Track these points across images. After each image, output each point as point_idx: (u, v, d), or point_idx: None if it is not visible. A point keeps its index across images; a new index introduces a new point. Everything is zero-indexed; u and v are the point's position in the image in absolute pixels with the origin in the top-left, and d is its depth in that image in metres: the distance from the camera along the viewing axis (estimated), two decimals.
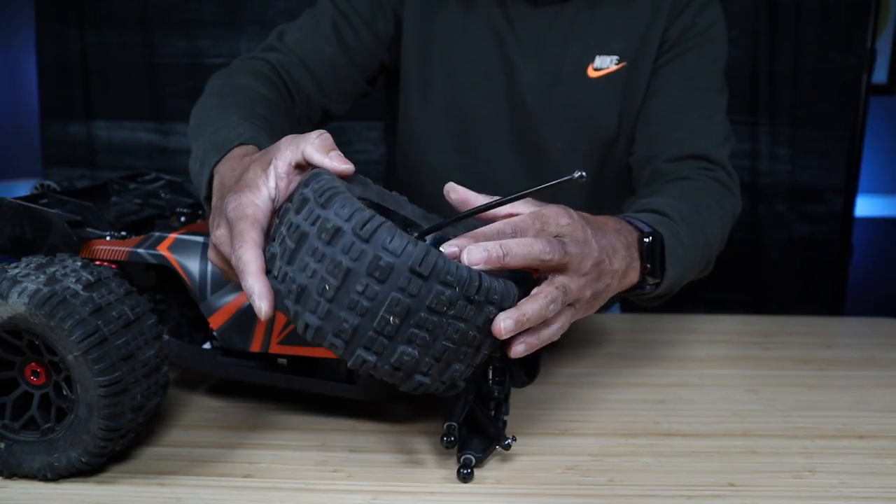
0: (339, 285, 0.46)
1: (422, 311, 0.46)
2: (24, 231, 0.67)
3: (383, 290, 0.46)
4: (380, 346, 0.47)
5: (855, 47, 1.57)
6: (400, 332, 0.47)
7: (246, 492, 0.55)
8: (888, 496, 0.56)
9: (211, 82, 0.83)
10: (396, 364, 0.48)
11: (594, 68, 0.88)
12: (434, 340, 0.47)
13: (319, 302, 0.47)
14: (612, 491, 0.56)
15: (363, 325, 0.46)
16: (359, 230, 0.46)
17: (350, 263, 0.46)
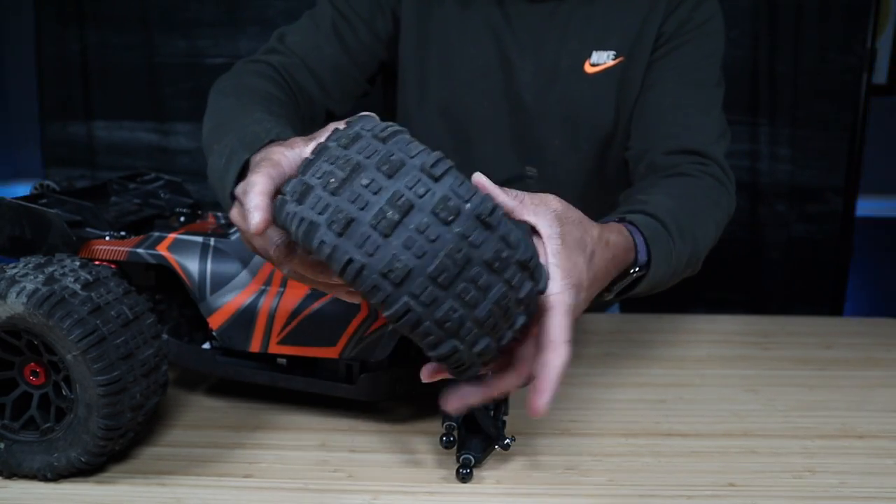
0: (399, 220, 0.41)
1: (479, 264, 0.42)
2: (23, 231, 0.67)
3: (446, 233, 0.41)
4: (429, 296, 0.42)
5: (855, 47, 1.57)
6: (454, 283, 0.42)
7: (246, 492, 0.55)
8: (888, 496, 0.56)
9: (220, 84, 0.82)
10: (442, 319, 0.43)
11: (591, 64, 0.88)
12: (482, 301, 0.43)
13: (370, 236, 0.42)
14: (612, 491, 0.56)
15: (417, 268, 0.41)
16: (428, 167, 0.42)
17: (414, 199, 0.42)
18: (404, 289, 0.42)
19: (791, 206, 1.64)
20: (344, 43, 0.89)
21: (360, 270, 0.42)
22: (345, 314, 0.62)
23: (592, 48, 0.88)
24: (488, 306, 0.43)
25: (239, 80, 0.81)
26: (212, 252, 0.66)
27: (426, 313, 0.42)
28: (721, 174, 0.83)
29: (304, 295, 0.63)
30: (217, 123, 0.70)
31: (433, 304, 0.42)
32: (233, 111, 0.71)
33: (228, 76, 0.83)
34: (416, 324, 0.43)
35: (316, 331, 0.63)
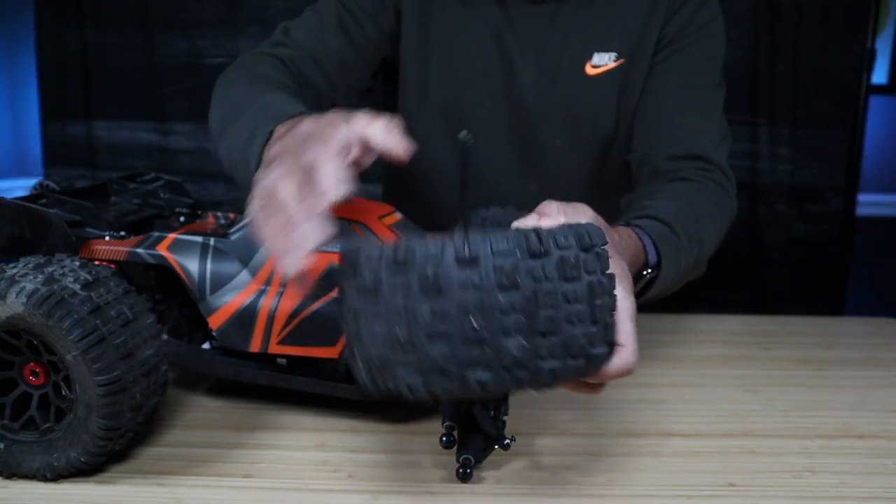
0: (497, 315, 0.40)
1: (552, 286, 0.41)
2: (23, 231, 0.67)
3: (532, 287, 0.40)
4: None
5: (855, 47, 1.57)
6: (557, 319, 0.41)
7: (246, 492, 0.55)
8: (888, 496, 0.56)
9: (228, 74, 0.80)
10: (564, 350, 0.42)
11: (592, 66, 0.88)
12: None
13: (480, 351, 0.40)
14: (612, 491, 0.56)
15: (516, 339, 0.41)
16: (465, 254, 0.40)
17: (488, 293, 0.40)
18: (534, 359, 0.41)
19: (791, 206, 1.64)
20: (350, 37, 0.89)
21: (492, 384, 0.42)
22: None
23: (594, 50, 0.88)
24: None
25: (249, 70, 0.80)
26: (212, 252, 0.66)
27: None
28: (723, 179, 0.84)
29: (303, 295, 0.63)
30: (230, 107, 0.70)
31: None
32: (248, 95, 0.70)
33: (235, 67, 0.82)
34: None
35: (316, 331, 0.63)
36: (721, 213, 0.81)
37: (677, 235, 0.70)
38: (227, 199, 1.70)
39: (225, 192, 1.71)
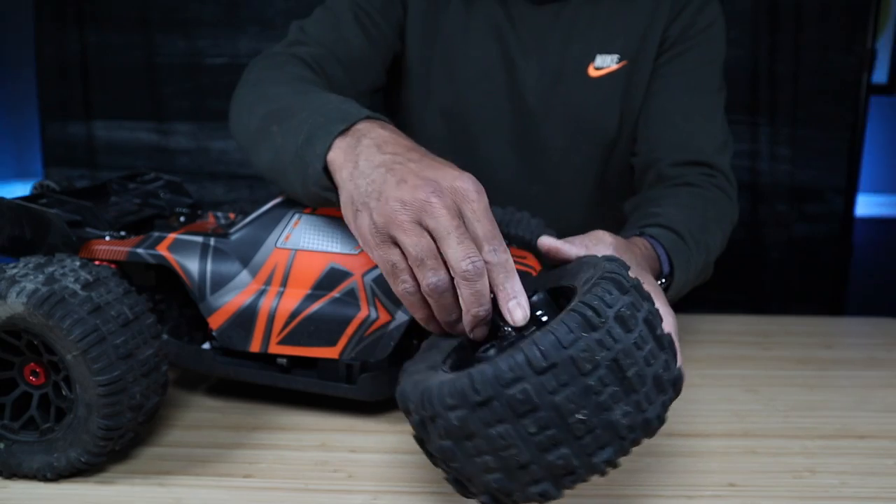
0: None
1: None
2: (23, 231, 0.67)
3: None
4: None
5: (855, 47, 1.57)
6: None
7: (246, 492, 0.55)
8: (888, 496, 0.56)
9: (259, 75, 0.76)
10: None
11: (595, 67, 0.88)
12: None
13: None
14: (612, 491, 0.56)
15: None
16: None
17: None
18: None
19: (791, 206, 1.64)
20: (368, 34, 0.87)
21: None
22: (345, 314, 0.62)
23: (596, 51, 0.88)
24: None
25: (279, 70, 0.77)
26: (212, 252, 0.66)
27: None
28: (726, 185, 0.85)
29: (304, 295, 0.63)
30: (275, 109, 0.66)
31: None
32: (295, 95, 0.67)
33: (262, 69, 0.78)
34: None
35: (316, 331, 0.63)
36: (725, 218, 0.82)
37: (687, 244, 0.71)
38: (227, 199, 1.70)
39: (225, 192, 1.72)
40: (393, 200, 0.48)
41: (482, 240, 0.47)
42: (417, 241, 0.48)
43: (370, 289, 0.62)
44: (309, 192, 0.59)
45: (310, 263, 0.64)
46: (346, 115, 0.57)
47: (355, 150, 0.54)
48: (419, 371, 0.48)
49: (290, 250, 0.64)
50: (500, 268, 0.47)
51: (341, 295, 0.63)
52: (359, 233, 0.52)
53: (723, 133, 0.88)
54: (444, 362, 0.48)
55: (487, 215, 0.49)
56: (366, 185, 0.51)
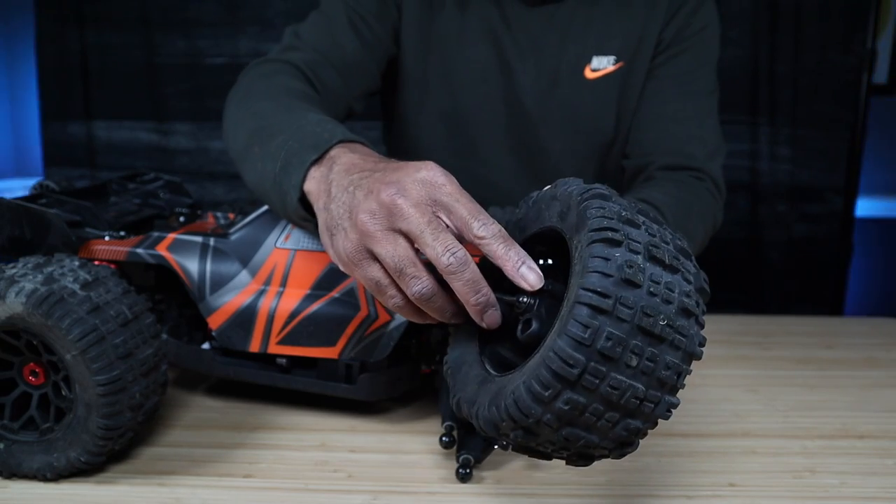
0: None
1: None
2: (23, 231, 0.67)
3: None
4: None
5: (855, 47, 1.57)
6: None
7: (246, 492, 0.55)
8: (888, 496, 0.56)
9: (248, 87, 0.76)
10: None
11: (591, 69, 0.88)
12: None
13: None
14: (612, 491, 0.56)
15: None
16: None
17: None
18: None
19: (791, 206, 1.64)
20: (362, 38, 0.87)
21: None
22: (344, 314, 0.62)
23: (592, 53, 0.88)
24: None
25: (268, 81, 0.77)
26: (211, 252, 0.66)
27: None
28: (714, 190, 0.85)
29: (303, 295, 0.63)
30: (257, 127, 0.66)
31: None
32: (277, 113, 0.66)
33: (252, 79, 0.78)
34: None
35: (315, 331, 0.63)
36: (709, 215, 0.82)
37: (666, 221, 0.70)
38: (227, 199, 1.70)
39: (225, 192, 1.72)
40: (363, 213, 0.48)
41: (468, 218, 0.47)
42: (393, 251, 0.47)
43: None
44: (289, 217, 0.60)
45: (309, 263, 0.64)
46: (319, 140, 0.57)
47: (327, 178, 0.54)
48: (472, 392, 0.47)
49: (290, 250, 0.64)
50: (494, 239, 0.46)
51: (341, 295, 0.63)
52: (338, 257, 0.51)
53: (714, 138, 0.88)
54: (484, 366, 0.48)
55: (463, 194, 0.48)
56: (336, 209, 0.51)
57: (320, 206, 0.53)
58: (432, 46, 0.90)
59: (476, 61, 0.90)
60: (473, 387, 0.47)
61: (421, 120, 0.94)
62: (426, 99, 0.92)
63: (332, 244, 0.51)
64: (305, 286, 0.63)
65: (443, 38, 0.90)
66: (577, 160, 0.92)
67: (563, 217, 0.45)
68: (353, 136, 0.58)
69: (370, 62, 0.89)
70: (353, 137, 0.58)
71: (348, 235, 0.49)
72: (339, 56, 0.85)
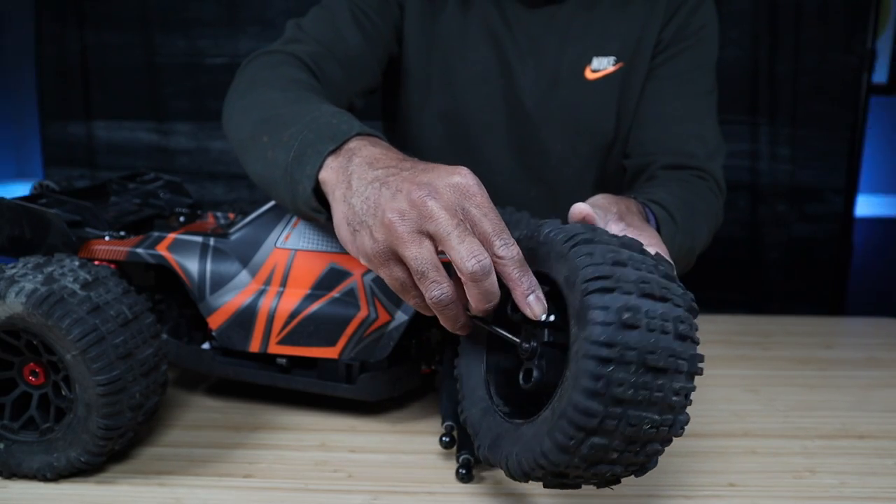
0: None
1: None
2: (23, 231, 0.67)
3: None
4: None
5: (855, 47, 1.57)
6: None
7: (246, 492, 0.55)
8: (888, 496, 0.56)
9: (252, 76, 0.75)
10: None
11: (591, 70, 0.88)
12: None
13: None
14: (612, 491, 0.56)
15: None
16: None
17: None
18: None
19: (791, 206, 1.64)
20: (365, 33, 0.87)
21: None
22: (344, 314, 0.62)
23: (592, 54, 0.88)
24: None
25: (276, 72, 0.75)
26: (211, 252, 0.66)
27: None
28: (716, 189, 0.86)
29: (303, 295, 0.63)
30: (265, 116, 0.64)
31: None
32: (287, 104, 0.65)
33: (256, 68, 0.77)
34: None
35: (315, 331, 0.63)
36: (711, 215, 0.82)
37: (675, 221, 0.71)
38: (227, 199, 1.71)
39: (225, 192, 1.72)
40: (390, 212, 0.47)
41: (491, 235, 0.47)
42: (418, 253, 0.47)
43: (370, 289, 0.62)
44: (298, 209, 0.58)
45: (309, 263, 0.64)
46: (337, 131, 0.56)
47: (347, 169, 0.53)
48: (476, 418, 0.50)
49: (290, 250, 0.64)
50: (512, 262, 0.46)
51: (341, 295, 0.63)
52: (360, 253, 0.51)
53: (714, 137, 0.88)
54: (489, 390, 0.51)
55: (492, 209, 0.48)
56: (361, 204, 0.50)
57: (338, 196, 0.52)
58: (434, 47, 0.90)
59: (477, 62, 0.90)
60: (477, 413, 0.50)
61: (422, 120, 0.94)
62: (427, 99, 0.92)
63: (353, 240, 0.51)
64: (305, 286, 0.63)
65: (444, 39, 0.90)
66: (577, 161, 0.92)
67: (553, 260, 0.46)
68: (371, 129, 0.58)
69: (372, 58, 0.88)
70: (371, 131, 0.57)
71: (374, 235, 0.49)
72: (341, 49, 0.84)
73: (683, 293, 0.45)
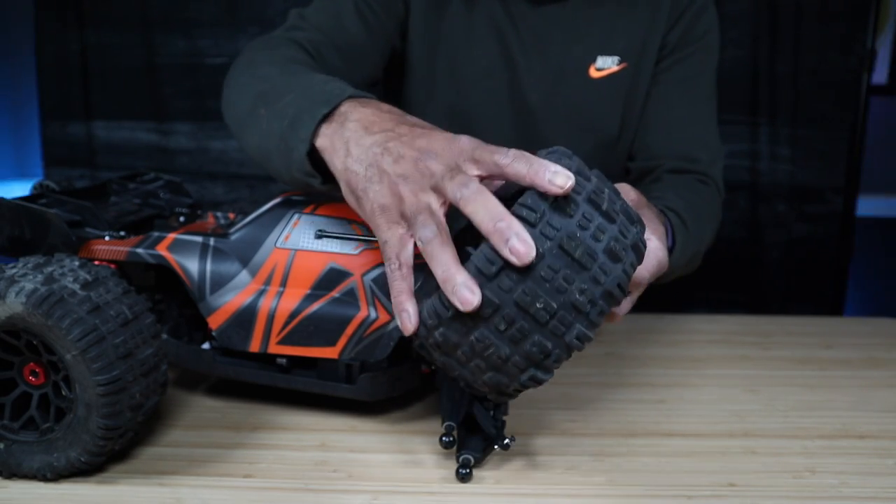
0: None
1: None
2: (22, 231, 0.67)
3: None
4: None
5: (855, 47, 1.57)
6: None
7: (246, 492, 0.55)
8: (888, 496, 0.56)
9: (251, 57, 0.75)
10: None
11: (596, 68, 0.89)
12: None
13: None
14: (612, 491, 0.56)
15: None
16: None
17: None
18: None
19: (791, 206, 1.64)
20: (367, 24, 0.87)
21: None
22: (344, 315, 0.62)
23: (597, 53, 0.89)
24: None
25: (272, 53, 0.76)
26: (211, 252, 0.66)
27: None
28: (716, 193, 0.90)
29: (303, 295, 0.63)
30: (262, 91, 0.65)
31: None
32: (282, 77, 0.66)
33: (254, 50, 0.77)
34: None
35: (315, 331, 0.63)
36: (714, 218, 0.86)
37: (687, 227, 0.75)
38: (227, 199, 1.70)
39: (225, 192, 1.71)
40: (395, 177, 0.50)
41: (490, 157, 0.50)
42: (417, 202, 0.49)
43: (370, 289, 0.62)
44: (293, 177, 0.60)
45: (309, 263, 0.64)
46: (329, 96, 0.57)
47: (343, 135, 0.54)
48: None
49: (290, 250, 0.64)
50: (520, 158, 0.49)
51: (341, 295, 0.63)
52: (366, 216, 0.53)
53: (716, 142, 0.92)
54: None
55: (489, 145, 0.51)
56: (364, 171, 0.52)
57: (337, 164, 0.54)
58: (439, 42, 0.91)
59: (482, 58, 0.90)
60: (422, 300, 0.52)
61: (426, 116, 0.94)
62: (432, 95, 0.93)
63: (359, 206, 0.54)
64: (305, 286, 0.63)
65: (450, 35, 0.90)
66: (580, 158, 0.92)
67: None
68: (363, 92, 0.59)
69: (373, 50, 0.89)
70: (363, 94, 0.58)
71: (380, 200, 0.51)
72: (343, 39, 0.85)
73: (637, 231, 0.48)
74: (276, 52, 0.76)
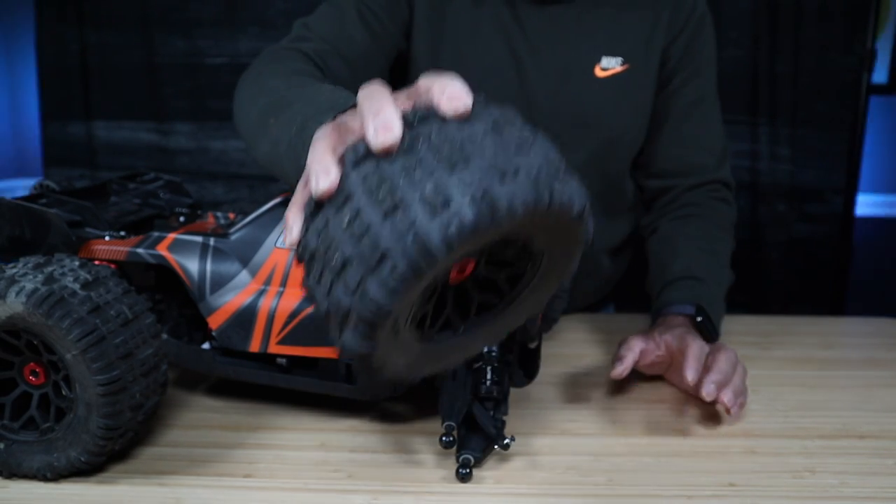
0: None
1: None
2: (23, 231, 0.67)
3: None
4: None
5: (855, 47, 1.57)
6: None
7: (246, 492, 0.55)
8: (888, 496, 0.56)
9: (259, 69, 0.77)
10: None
11: (601, 68, 0.90)
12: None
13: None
14: (612, 491, 0.56)
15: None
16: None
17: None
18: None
19: (791, 206, 1.64)
20: (371, 31, 0.88)
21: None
22: None
23: (602, 53, 0.90)
24: None
25: (279, 65, 0.77)
26: (211, 252, 0.66)
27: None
28: (728, 194, 0.96)
29: (303, 295, 0.63)
30: (271, 102, 0.66)
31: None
32: (290, 88, 0.67)
33: (262, 62, 0.79)
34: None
35: (316, 331, 0.63)
36: (730, 226, 0.93)
37: (708, 285, 0.83)
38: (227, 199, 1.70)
39: (225, 192, 1.71)
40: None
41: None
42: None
43: None
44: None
45: None
46: (335, 104, 0.58)
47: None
48: None
49: (290, 250, 0.64)
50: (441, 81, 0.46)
51: None
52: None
53: (722, 142, 0.96)
54: None
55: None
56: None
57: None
58: (444, 43, 0.91)
59: (487, 56, 0.91)
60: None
61: None
62: None
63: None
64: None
65: (454, 35, 0.91)
66: (584, 155, 0.93)
67: None
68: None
69: (379, 56, 0.89)
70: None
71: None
72: (348, 48, 0.86)
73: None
74: (283, 64, 0.77)
